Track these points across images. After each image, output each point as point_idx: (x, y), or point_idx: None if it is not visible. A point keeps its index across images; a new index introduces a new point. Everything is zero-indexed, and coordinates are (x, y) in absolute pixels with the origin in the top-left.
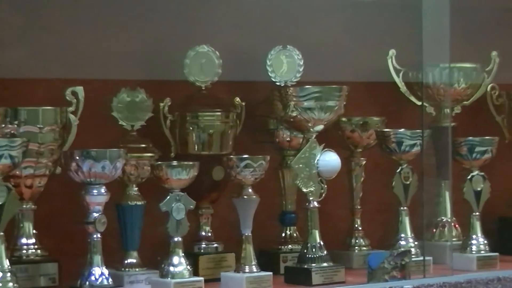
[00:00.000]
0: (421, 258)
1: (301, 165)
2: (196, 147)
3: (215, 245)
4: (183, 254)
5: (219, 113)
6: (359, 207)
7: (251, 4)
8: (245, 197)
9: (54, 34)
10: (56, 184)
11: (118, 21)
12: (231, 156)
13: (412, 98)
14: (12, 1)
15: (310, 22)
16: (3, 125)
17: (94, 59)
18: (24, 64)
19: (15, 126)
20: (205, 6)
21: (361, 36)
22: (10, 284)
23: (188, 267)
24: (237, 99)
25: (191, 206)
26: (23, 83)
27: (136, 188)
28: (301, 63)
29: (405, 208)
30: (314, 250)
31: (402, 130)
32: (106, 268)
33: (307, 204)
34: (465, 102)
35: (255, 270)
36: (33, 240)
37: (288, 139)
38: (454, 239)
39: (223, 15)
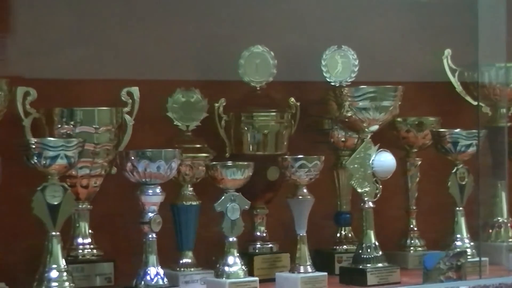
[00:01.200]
0: (477, 259)
1: (356, 165)
2: (251, 147)
3: (270, 245)
4: (238, 254)
5: (274, 113)
6: (414, 208)
7: (306, 4)
8: (299, 197)
9: (110, 35)
10: (111, 184)
11: (173, 22)
12: (286, 156)
13: (468, 98)
14: (69, 2)
15: (365, 22)
16: (59, 126)
17: (149, 60)
18: (80, 65)
19: (71, 126)
20: (259, 6)
21: (416, 35)
22: (66, 283)
23: (243, 267)
24: (292, 99)
25: (246, 206)
26: (79, 83)
27: (191, 188)
28: (356, 63)
29: (461, 208)
30: (369, 250)
31: (457, 130)
32: (162, 268)
33: (362, 204)
34: None
35: (310, 270)
36: (89, 240)
37: (343, 139)
38: (510, 240)
39: (278, 15)
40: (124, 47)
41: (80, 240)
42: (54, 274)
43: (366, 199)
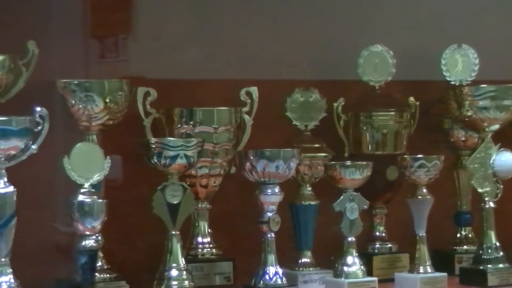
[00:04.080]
0: None
1: (476, 165)
2: (369, 147)
3: (389, 245)
4: (357, 254)
5: (393, 113)
6: None
7: (425, 2)
8: (419, 197)
9: (228, 35)
10: (230, 183)
11: (291, 21)
12: (405, 156)
13: None
14: (188, 3)
15: (485, 20)
16: (179, 126)
17: (268, 60)
18: (199, 65)
19: (191, 126)
20: (378, 5)
21: None
22: (186, 282)
23: (362, 267)
24: (411, 98)
25: (365, 206)
26: (198, 84)
27: (309, 188)
28: (476, 62)
29: None
30: (489, 251)
31: None
32: (280, 267)
33: (482, 204)
34: None
35: (429, 270)
36: (208, 239)
37: (463, 138)
38: None
39: (397, 14)
40: (243, 47)
41: (199, 239)
42: (174, 272)
43: (486, 199)
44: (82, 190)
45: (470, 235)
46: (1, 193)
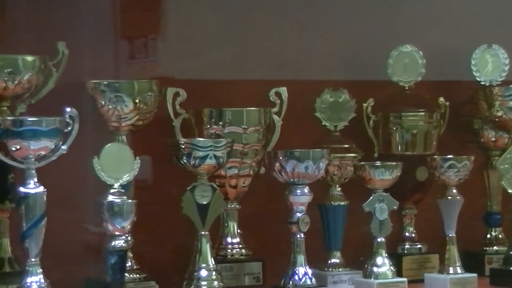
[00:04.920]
0: None
1: (506, 166)
2: (399, 147)
3: (419, 245)
4: (386, 255)
5: (422, 113)
6: None
7: (455, 2)
8: (449, 197)
9: (258, 36)
10: (260, 184)
11: (320, 22)
12: (435, 157)
13: None
14: (218, 4)
15: None
16: (209, 126)
17: (297, 60)
18: (228, 65)
19: (220, 127)
20: (408, 5)
21: None
22: (216, 282)
23: (392, 267)
24: (441, 99)
25: (394, 207)
26: (228, 84)
27: (339, 188)
28: (507, 62)
29: None
30: None
31: None
32: (310, 267)
33: None
34: None
35: (459, 271)
36: (237, 240)
37: (493, 139)
38: None
39: (426, 14)
40: (273, 48)
41: (229, 239)
42: (203, 273)
43: None
44: (111, 191)
45: (500, 236)
46: (31, 194)
